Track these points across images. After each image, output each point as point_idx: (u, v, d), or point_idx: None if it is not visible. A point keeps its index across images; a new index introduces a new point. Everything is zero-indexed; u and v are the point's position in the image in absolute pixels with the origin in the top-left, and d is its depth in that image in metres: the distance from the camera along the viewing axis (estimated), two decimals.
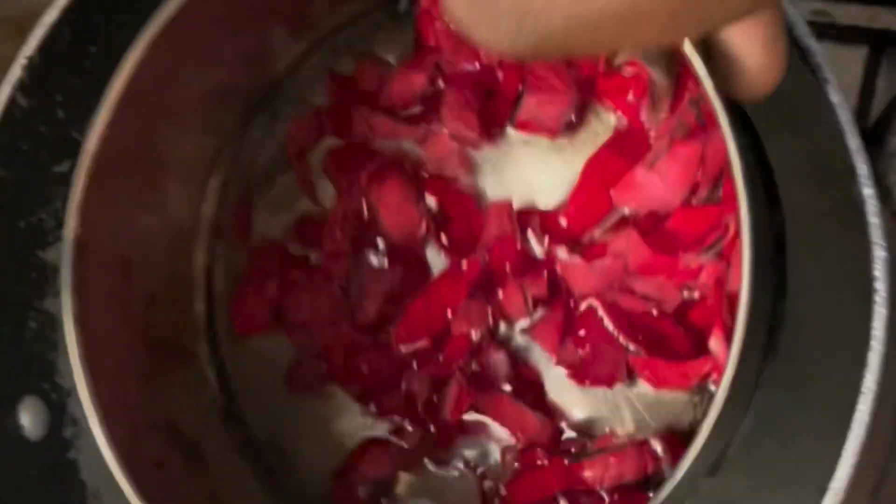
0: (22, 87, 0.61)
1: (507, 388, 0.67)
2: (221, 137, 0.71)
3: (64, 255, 0.56)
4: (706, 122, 0.62)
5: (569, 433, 0.67)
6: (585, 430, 0.67)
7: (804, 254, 0.57)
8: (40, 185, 0.63)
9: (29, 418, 0.62)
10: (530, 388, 0.67)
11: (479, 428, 0.67)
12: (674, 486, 0.50)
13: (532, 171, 0.69)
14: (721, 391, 0.49)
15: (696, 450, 0.50)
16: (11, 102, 0.61)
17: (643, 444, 0.64)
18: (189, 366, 0.69)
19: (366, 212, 0.70)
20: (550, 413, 0.66)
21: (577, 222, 0.66)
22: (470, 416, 0.67)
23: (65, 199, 0.59)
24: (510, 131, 0.69)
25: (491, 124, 0.69)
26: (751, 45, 0.44)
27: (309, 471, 0.70)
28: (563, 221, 0.67)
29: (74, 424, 0.63)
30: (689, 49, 0.47)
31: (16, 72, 0.61)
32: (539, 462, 0.65)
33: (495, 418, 0.66)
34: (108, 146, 0.57)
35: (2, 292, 0.63)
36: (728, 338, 0.59)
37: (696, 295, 0.63)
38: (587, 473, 0.64)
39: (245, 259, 0.72)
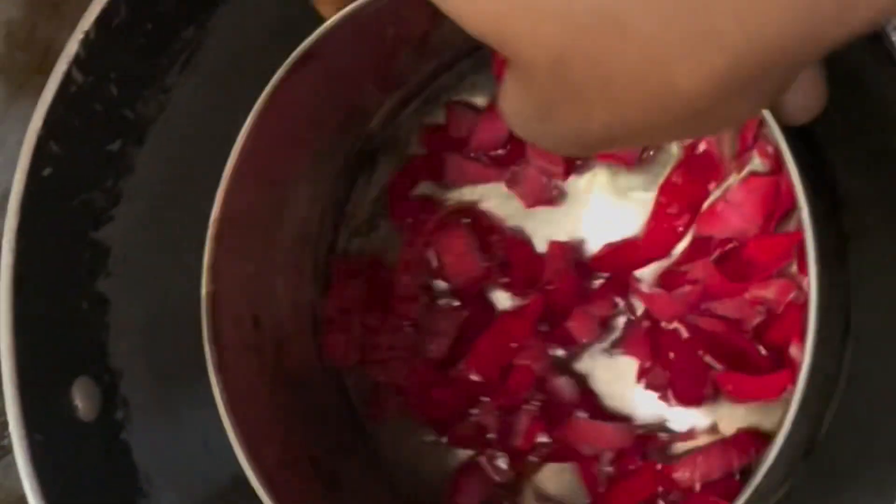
0: (77, 61, 0.58)
1: (582, 413, 0.73)
2: (327, 190, 0.78)
3: (202, 311, 0.63)
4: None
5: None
6: (666, 430, 0.72)
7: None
8: (93, 164, 0.62)
9: (82, 399, 0.61)
10: (595, 403, 0.73)
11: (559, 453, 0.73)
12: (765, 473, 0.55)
13: (610, 205, 0.74)
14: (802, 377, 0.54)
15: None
16: (67, 77, 0.58)
17: (727, 441, 0.69)
18: (319, 399, 0.76)
19: (432, 260, 0.77)
20: (626, 420, 0.72)
21: (656, 246, 0.72)
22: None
23: (117, 178, 0.63)
24: (592, 163, 0.74)
25: (573, 159, 0.74)
26: (794, 92, 0.45)
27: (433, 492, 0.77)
28: (641, 247, 0.72)
29: (125, 406, 0.64)
30: None
31: (72, 46, 0.58)
32: (632, 467, 0.70)
33: (576, 440, 0.72)
34: (230, 211, 0.65)
35: (55, 273, 0.61)
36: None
37: (773, 310, 0.68)
38: (678, 475, 0.69)
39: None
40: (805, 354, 0.53)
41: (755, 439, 0.69)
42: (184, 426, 0.69)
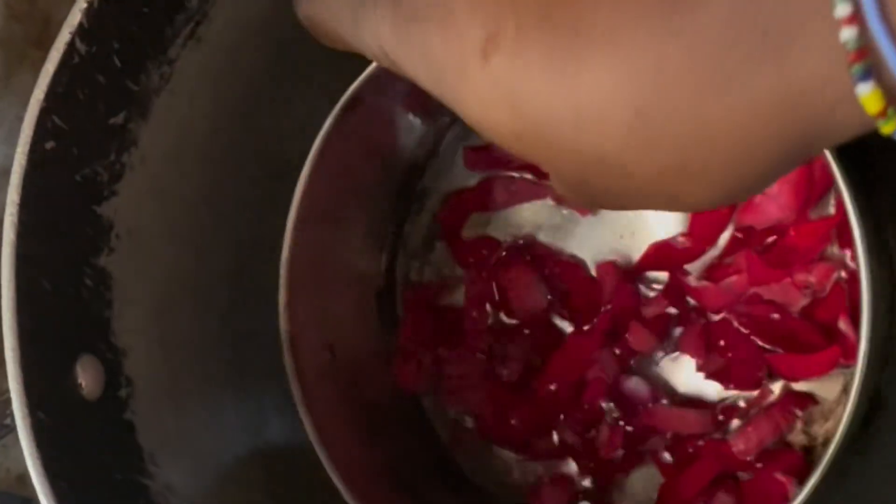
0: (80, 31, 0.55)
1: (664, 401, 0.77)
2: (382, 224, 0.83)
3: (284, 350, 0.69)
4: None
5: None
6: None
7: None
8: (96, 137, 0.59)
9: (86, 377, 0.59)
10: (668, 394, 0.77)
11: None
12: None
13: (645, 212, 0.78)
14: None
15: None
16: (70, 47, 0.55)
17: (771, 407, 0.73)
18: (396, 421, 0.81)
19: (496, 294, 0.81)
20: (698, 404, 0.76)
21: (702, 240, 0.76)
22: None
23: (120, 151, 0.61)
24: None
25: None
26: None
27: None
28: (688, 242, 0.76)
29: (129, 385, 0.62)
30: None
31: (76, 15, 0.55)
32: (690, 450, 0.74)
33: (661, 429, 0.76)
34: (298, 253, 0.70)
35: (57, 248, 0.59)
36: (854, 320, 0.69)
37: (818, 293, 0.72)
38: (735, 448, 0.73)
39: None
40: (862, 326, 0.58)
41: (795, 398, 0.73)
42: (190, 405, 0.69)
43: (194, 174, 0.67)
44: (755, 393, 0.74)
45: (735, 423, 0.74)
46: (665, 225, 0.77)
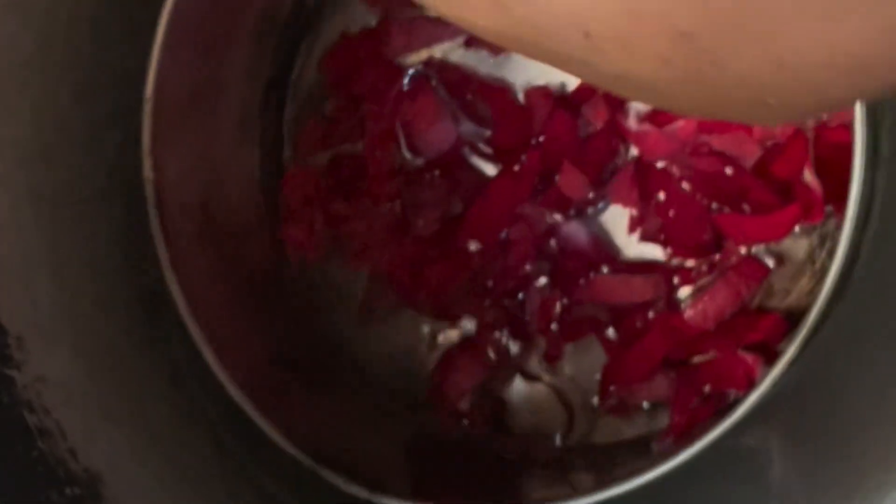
0: None
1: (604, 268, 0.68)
2: (266, 62, 0.72)
3: (148, 202, 0.58)
4: None
5: None
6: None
7: None
8: None
9: None
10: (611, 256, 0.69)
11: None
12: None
13: None
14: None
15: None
16: None
17: (729, 272, 0.65)
18: (286, 296, 0.71)
19: (401, 130, 0.71)
20: (645, 268, 0.68)
21: None
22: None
23: None
24: None
25: None
26: None
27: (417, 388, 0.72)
28: None
29: None
30: None
31: None
32: (638, 323, 0.67)
33: (604, 299, 0.68)
34: (165, 85, 0.59)
35: None
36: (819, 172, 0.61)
37: (775, 145, 0.64)
38: (689, 316, 0.65)
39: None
40: (854, 177, 0.52)
41: (755, 262, 0.65)
42: (69, 276, 0.61)
43: None
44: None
45: (687, 290, 0.67)
46: None
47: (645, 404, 0.67)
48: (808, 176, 0.61)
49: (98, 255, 0.60)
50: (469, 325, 0.70)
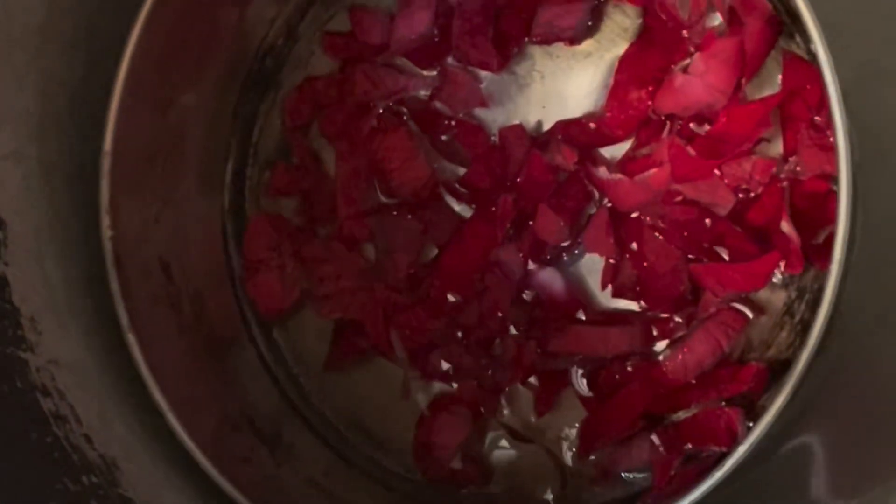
0: None
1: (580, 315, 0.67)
2: (228, 117, 0.71)
3: (106, 260, 0.56)
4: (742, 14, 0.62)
5: None
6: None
7: None
8: None
9: None
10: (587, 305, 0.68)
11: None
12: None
13: (561, 84, 0.69)
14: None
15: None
16: None
17: (708, 324, 0.64)
18: (248, 356, 0.70)
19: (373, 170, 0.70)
20: (621, 317, 0.67)
21: (619, 123, 0.66)
22: None
23: None
24: (529, 48, 0.69)
25: (507, 45, 0.69)
26: None
27: (392, 443, 0.71)
28: (604, 124, 0.67)
29: (2, 228, 0.56)
30: None
31: None
32: (616, 376, 0.65)
33: (577, 349, 0.66)
34: (122, 141, 0.58)
35: None
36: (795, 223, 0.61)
37: (751, 195, 0.64)
38: (668, 370, 0.64)
39: None
40: (839, 222, 0.53)
41: (736, 314, 0.65)
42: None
43: None
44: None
45: (664, 342, 0.66)
46: (580, 100, 0.68)
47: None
48: (786, 227, 0.61)
49: None
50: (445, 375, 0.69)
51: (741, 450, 0.57)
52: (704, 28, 0.64)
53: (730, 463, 0.58)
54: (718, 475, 0.58)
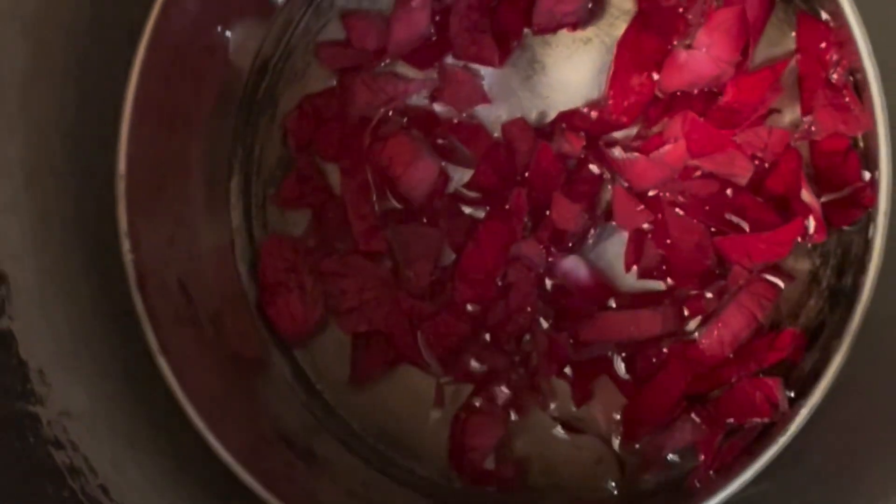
0: None
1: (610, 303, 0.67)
2: (229, 134, 0.71)
3: (130, 283, 0.56)
4: None
5: None
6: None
7: None
8: None
9: None
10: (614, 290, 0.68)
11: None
12: None
13: (563, 73, 0.69)
14: None
15: None
16: None
17: (740, 297, 0.65)
18: (272, 375, 0.70)
19: (381, 179, 0.70)
20: (650, 298, 0.67)
21: (622, 109, 0.67)
22: None
23: None
24: (527, 40, 0.69)
25: (507, 39, 0.69)
26: None
27: (425, 451, 0.70)
28: (607, 111, 0.67)
29: (4, 283, 0.56)
30: None
31: None
32: (655, 360, 0.66)
33: (610, 336, 0.67)
34: (135, 164, 0.59)
35: None
36: (815, 190, 0.61)
37: (766, 165, 0.64)
38: (705, 347, 0.65)
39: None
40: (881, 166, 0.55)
41: (767, 284, 0.65)
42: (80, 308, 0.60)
43: None
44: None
45: (696, 319, 0.66)
46: (583, 88, 0.68)
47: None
48: (806, 195, 0.61)
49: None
50: (477, 376, 0.69)
51: (792, 427, 0.58)
52: (702, 6, 0.64)
53: (781, 441, 0.59)
54: (772, 451, 0.59)
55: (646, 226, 0.66)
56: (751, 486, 0.59)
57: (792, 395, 0.62)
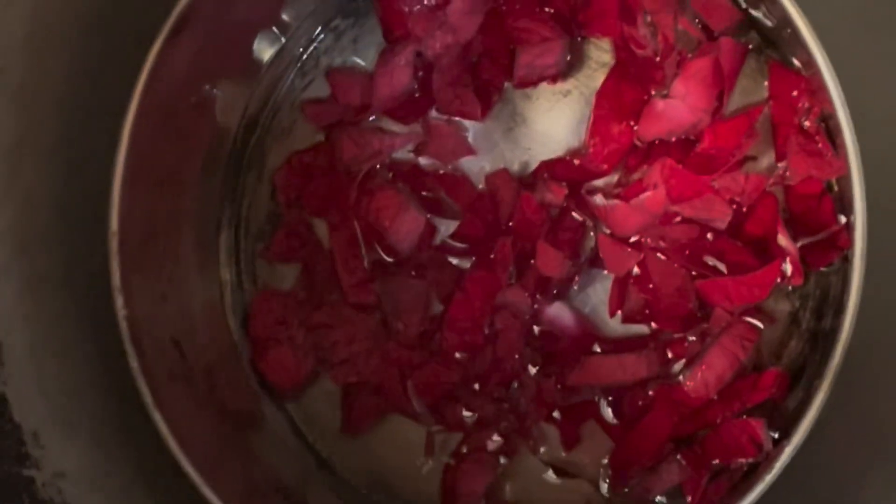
0: None
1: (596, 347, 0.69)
2: (217, 192, 0.72)
3: (123, 339, 0.57)
4: (712, 28, 0.66)
5: None
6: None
7: None
8: None
9: None
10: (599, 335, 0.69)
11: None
12: None
13: (544, 125, 0.71)
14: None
15: None
16: None
17: (723, 339, 0.66)
18: (264, 427, 0.71)
19: (369, 233, 0.71)
20: (634, 342, 0.69)
21: (603, 157, 0.68)
22: None
23: None
24: (508, 93, 0.71)
25: (489, 93, 0.71)
26: None
27: (418, 499, 0.71)
28: (588, 160, 0.69)
29: None
30: None
31: None
32: (641, 403, 0.67)
33: (596, 380, 0.68)
34: (126, 222, 0.60)
35: None
36: (792, 234, 0.63)
37: (744, 209, 0.66)
38: (690, 389, 0.66)
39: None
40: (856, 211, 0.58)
41: (749, 326, 0.67)
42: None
43: None
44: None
45: (680, 361, 0.67)
46: (564, 139, 0.70)
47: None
48: (783, 240, 0.63)
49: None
50: (467, 424, 0.70)
51: (777, 465, 0.60)
52: (677, 57, 0.67)
53: (768, 478, 0.60)
54: (758, 490, 0.60)
55: (635, 270, 0.68)
56: None
57: (776, 435, 0.63)
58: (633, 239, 0.68)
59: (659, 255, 0.67)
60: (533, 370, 0.69)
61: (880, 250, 0.61)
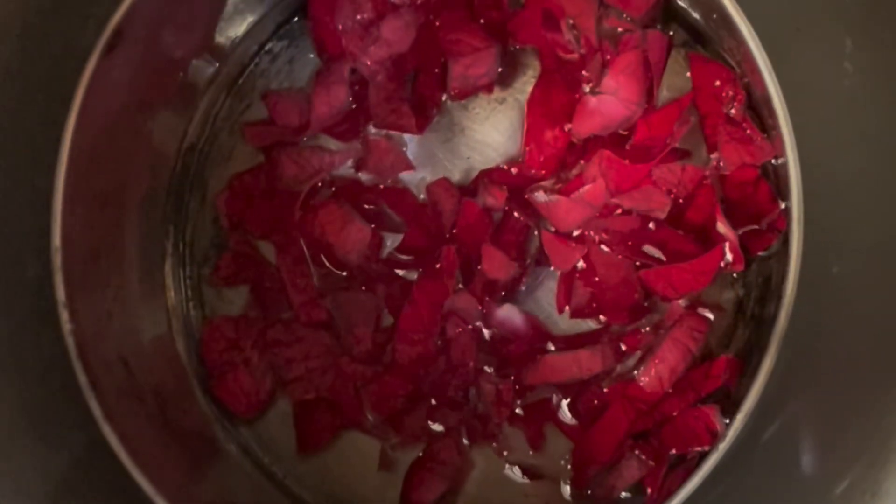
0: None
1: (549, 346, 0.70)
2: (158, 216, 0.73)
3: (70, 354, 0.58)
4: (632, 17, 0.68)
5: None
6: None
7: None
8: None
9: None
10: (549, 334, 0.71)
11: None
12: None
13: (482, 134, 0.73)
14: None
15: None
16: None
17: (673, 332, 0.68)
18: (217, 449, 0.71)
19: (316, 249, 0.72)
20: (587, 338, 0.70)
21: (539, 164, 0.70)
22: None
23: None
24: (445, 105, 0.73)
25: (426, 106, 0.72)
26: None
27: None
28: (525, 166, 0.70)
29: None
30: None
31: None
32: (596, 402, 0.68)
33: (553, 378, 0.69)
34: (69, 240, 0.60)
35: None
36: (732, 221, 0.65)
37: (680, 201, 0.68)
38: (644, 384, 0.67)
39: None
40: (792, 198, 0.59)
41: (699, 318, 0.68)
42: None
43: None
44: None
45: (635, 354, 0.69)
46: (502, 145, 0.72)
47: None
48: (722, 227, 0.65)
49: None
50: (424, 435, 0.71)
51: (721, 447, 0.61)
52: (604, 56, 0.69)
53: (712, 459, 0.61)
54: (703, 472, 0.61)
55: (580, 264, 0.70)
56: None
57: (727, 421, 0.64)
58: (576, 233, 0.69)
59: (602, 247, 0.69)
60: (490, 372, 0.70)
61: (820, 235, 0.63)
